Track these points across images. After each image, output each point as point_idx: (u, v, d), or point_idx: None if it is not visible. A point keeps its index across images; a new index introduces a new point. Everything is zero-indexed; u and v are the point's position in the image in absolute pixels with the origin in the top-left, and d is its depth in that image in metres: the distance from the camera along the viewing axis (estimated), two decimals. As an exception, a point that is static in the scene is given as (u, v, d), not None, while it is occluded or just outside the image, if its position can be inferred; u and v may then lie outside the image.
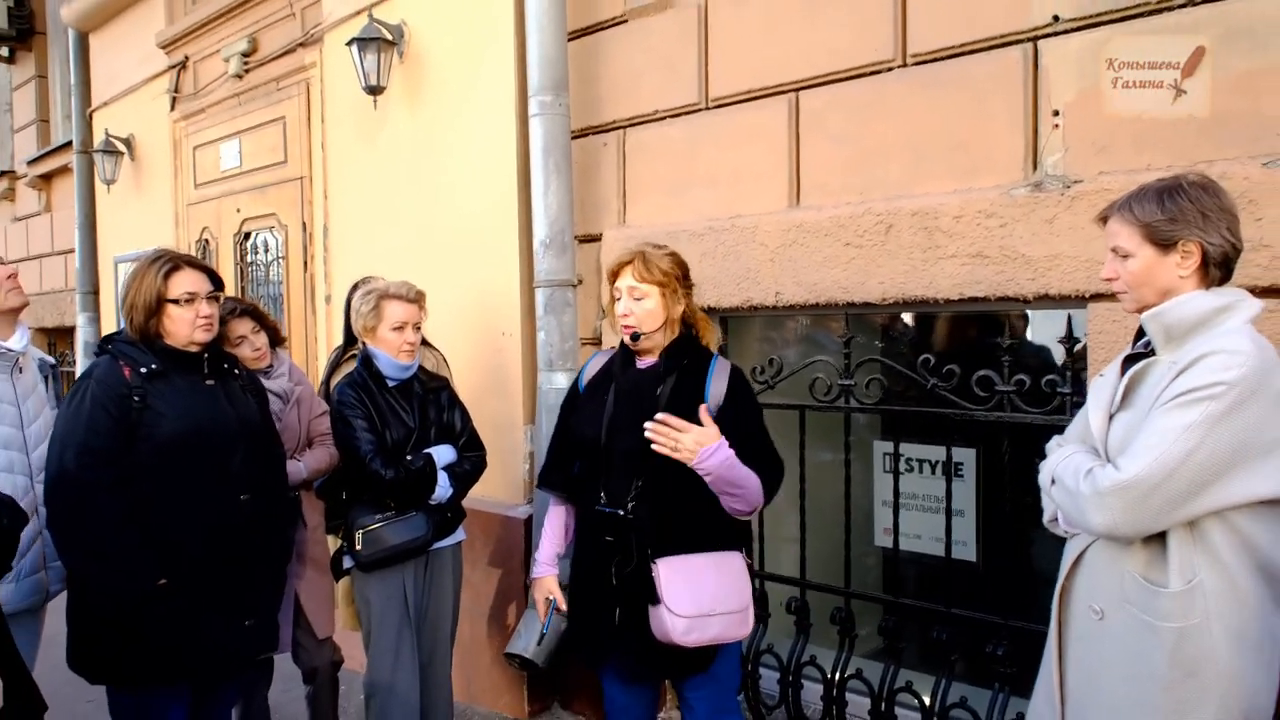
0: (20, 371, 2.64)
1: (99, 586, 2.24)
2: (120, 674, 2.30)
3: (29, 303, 2.82)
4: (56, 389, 2.95)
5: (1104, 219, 1.79)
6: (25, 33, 8.17)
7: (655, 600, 2.16)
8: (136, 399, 2.25)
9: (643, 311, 2.28)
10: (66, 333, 7.71)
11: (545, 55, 3.35)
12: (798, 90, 2.93)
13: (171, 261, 2.37)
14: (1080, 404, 2.34)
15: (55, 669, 2.41)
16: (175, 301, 2.33)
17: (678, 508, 2.21)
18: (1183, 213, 1.65)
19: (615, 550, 2.23)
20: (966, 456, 2.91)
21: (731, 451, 2.13)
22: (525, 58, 3.43)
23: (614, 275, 2.34)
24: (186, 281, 2.36)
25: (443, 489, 2.74)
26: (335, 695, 3.23)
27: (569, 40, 3.42)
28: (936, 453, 2.92)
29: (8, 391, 2.59)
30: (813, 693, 3.04)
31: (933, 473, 3.00)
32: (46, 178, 8.00)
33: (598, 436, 2.29)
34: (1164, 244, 1.67)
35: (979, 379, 2.58)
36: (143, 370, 2.29)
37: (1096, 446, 1.73)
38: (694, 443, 2.10)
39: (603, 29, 3.47)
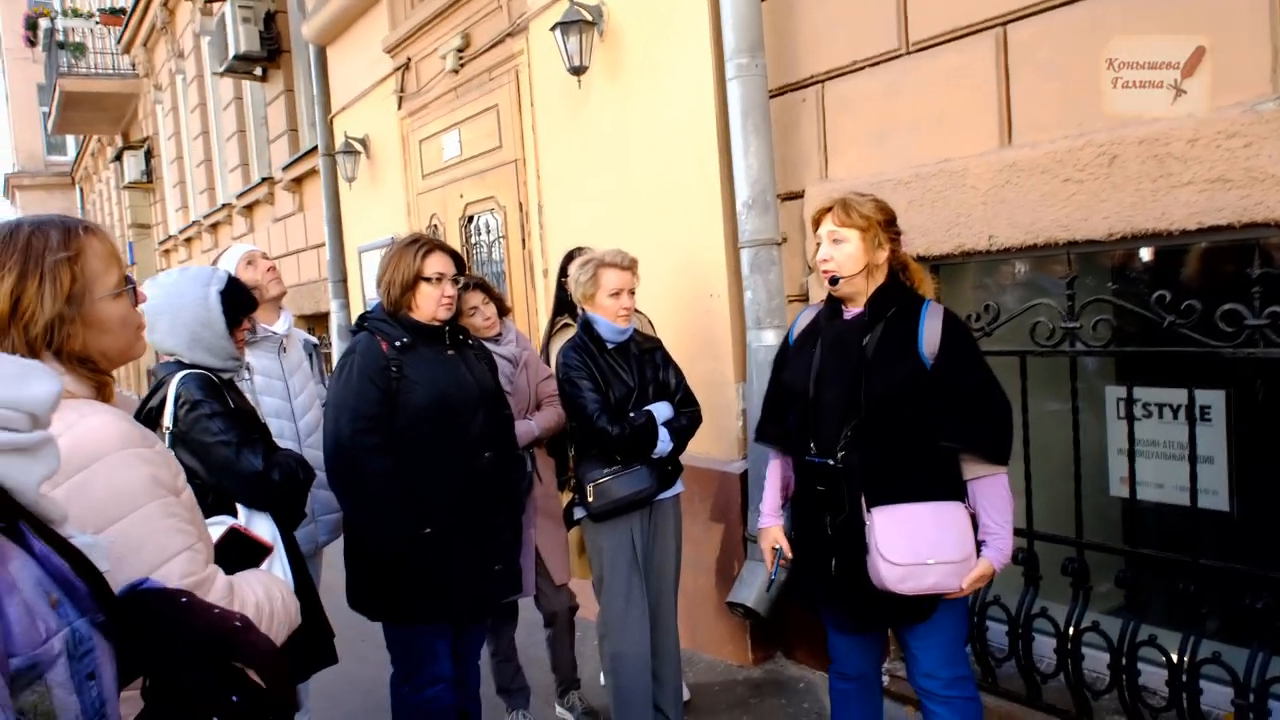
0: (285, 351, 3.04)
1: (373, 533, 2.56)
2: (393, 612, 2.63)
3: (287, 291, 3.23)
4: (319, 365, 3.36)
5: None
6: (274, 53, 9.05)
7: (866, 549, 2.19)
8: (394, 369, 2.54)
9: (842, 255, 2.28)
10: (321, 318, 8.57)
11: (740, 17, 3.39)
12: (1004, 24, 2.80)
13: (428, 244, 2.67)
14: (1347, 335, 2.13)
15: (333, 611, 2.75)
16: (428, 279, 2.62)
17: (889, 457, 2.20)
18: None
19: (827, 500, 2.27)
20: (1214, 399, 2.69)
21: (1000, 543, 2.22)
22: (720, 22, 3.48)
23: (815, 224, 2.36)
24: (438, 263, 2.64)
25: (664, 443, 2.89)
26: (572, 638, 3.50)
27: (762, 0, 3.43)
28: (1177, 396, 2.72)
29: (275, 368, 3.00)
30: (1045, 646, 2.95)
31: (1174, 417, 2.80)
32: (298, 181, 8.85)
33: (806, 388, 2.32)
34: None
35: (1225, 313, 2.38)
36: (396, 344, 2.59)
37: None
38: (982, 574, 2.21)
39: (796, -16, 3.45)
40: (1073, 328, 2.76)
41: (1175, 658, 2.60)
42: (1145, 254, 3.02)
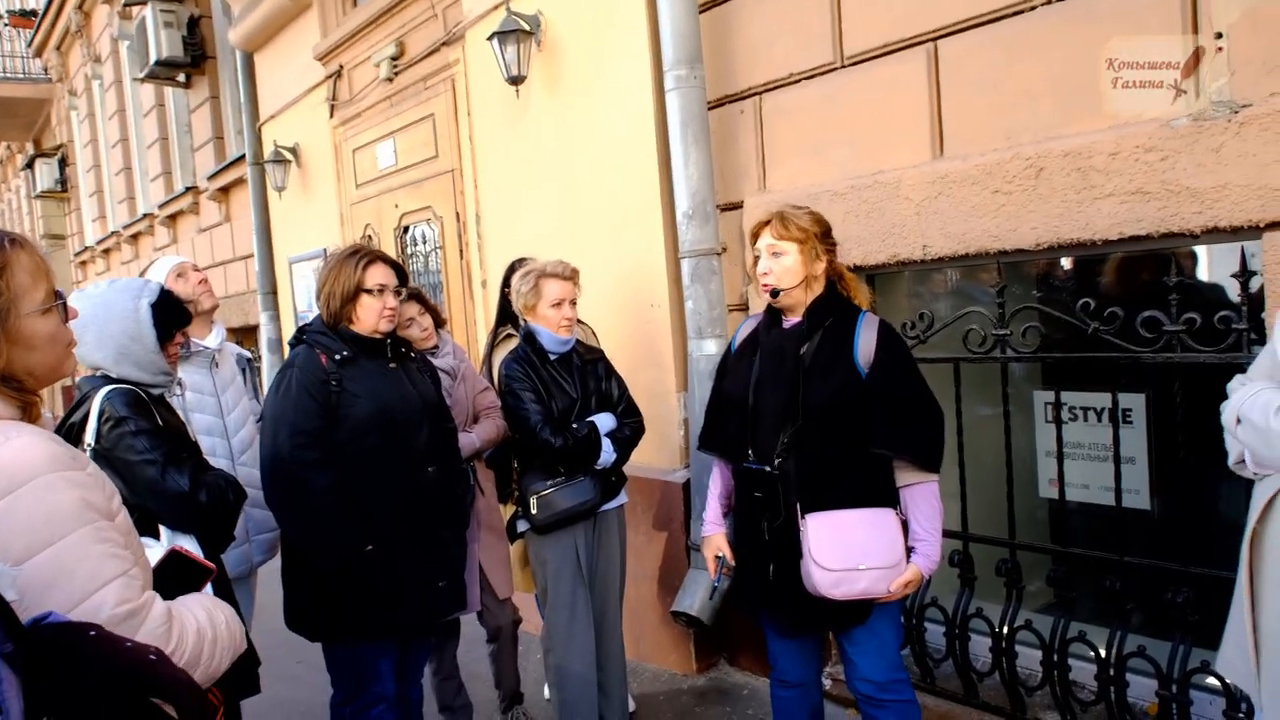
0: (217, 366, 2.96)
1: (316, 551, 2.50)
2: (336, 630, 2.57)
3: (219, 304, 3.15)
4: (253, 381, 3.28)
5: None
6: (198, 59, 8.80)
7: (801, 554, 2.23)
8: (334, 383, 2.50)
9: (781, 268, 2.33)
10: (250, 331, 8.35)
11: (678, 29, 3.42)
12: (935, 39, 2.88)
13: (369, 255, 2.62)
14: (1257, 340, 2.25)
15: (267, 633, 2.70)
16: (370, 291, 2.57)
17: (825, 464, 2.26)
18: None
19: (765, 506, 2.31)
20: (1135, 402, 2.81)
21: (928, 549, 2.28)
22: (659, 34, 3.51)
23: (754, 237, 2.41)
24: (380, 274, 2.60)
25: (607, 454, 2.89)
26: (515, 653, 3.47)
27: (700, 12, 3.47)
28: (1101, 400, 2.83)
29: (207, 384, 2.92)
30: (981, 645, 3.03)
31: (1099, 420, 2.91)
32: (225, 190, 8.62)
33: (745, 396, 2.37)
34: None
35: (1145, 320, 2.49)
36: (336, 357, 2.54)
37: None
38: (911, 580, 2.26)
39: (733, -3, 3.50)
40: (1003, 335, 2.85)
41: (1103, 653, 2.70)
42: (1068, 263, 3.13)
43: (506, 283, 3.58)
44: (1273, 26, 2.20)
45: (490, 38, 4.21)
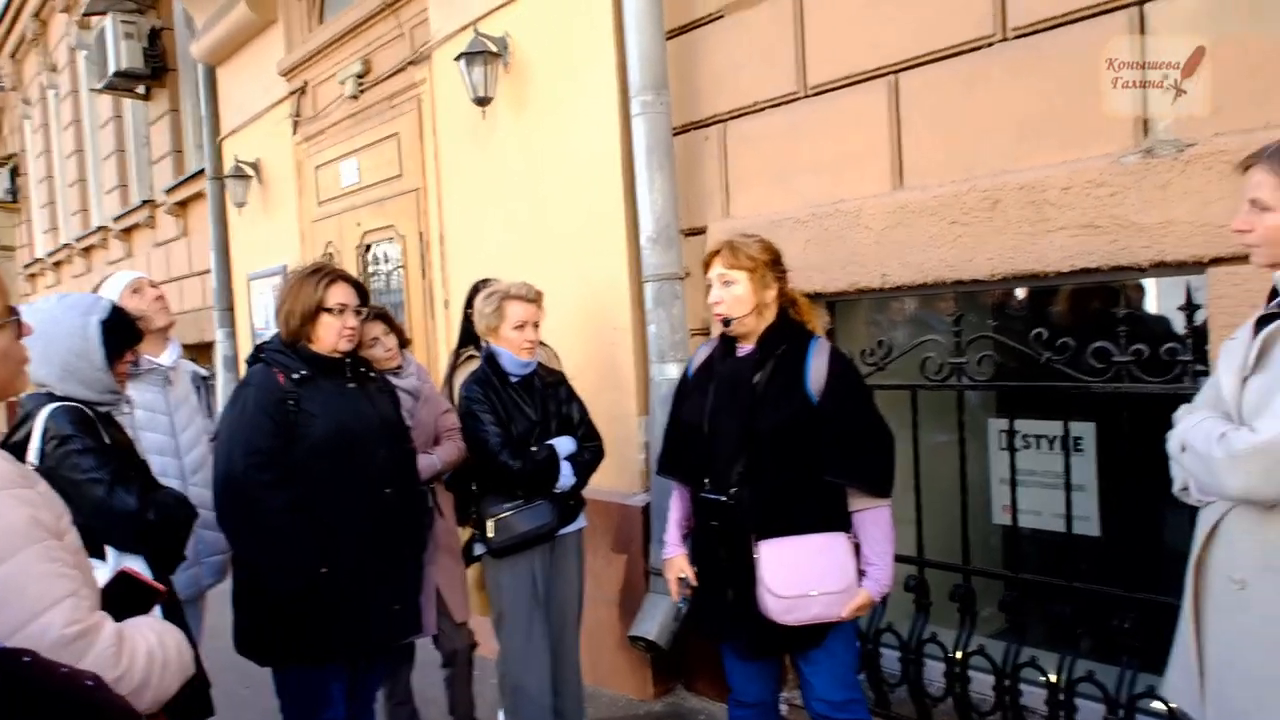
0: (171, 384, 2.91)
1: (268, 573, 2.45)
2: (286, 655, 2.52)
3: (175, 322, 3.09)
4: (207, 400, 3.22)
5: (1246, 167, 1.70)
6: (159, 70, 8.68)
7: (755, 582, 2.25)
8: (291, 402, 2.46)
9: (731, 297, 2.35)
10: (206, 348, 8.21)
11: (645, 55, 3.46)
12: (896, 72, 2.95)
13: (331, 274, 2.60)
14: (1202, 371, 2.31)
15: (216, 657, 2.62)
16: (330, 310, 2.55)
17: (779, 492, 2.28)
18: None
19: (721, 534, 2.33)
20: (1085, 430, 2.87)
21: (878, 574, 2.30)
22: (625, 59, 3.55)
23: (706, 266, 2.43)
24: (341, 293, 2.57)
25: (566, 478, 2.88)
26: (471, 678, 3.42)
27: (667, 39, 3.52)
28: (1053, 428, 2.89)
29: (160, 403, 2.86)
30: (935, 670, 3.05)
31: (1050, 448, 2.96)
32: (183, 204, 8.50)
33: (700, 425, 2.38)
34: None
35: (1095, 351, 2.55)
36: (294, 376, 2.50)
37: (1229, 411, 1.67)
38: (862, 604, 2.29)
39: (700, 25, 3.55)
40: (959, 363, 2.90)
41: (1054, 678, 2.73)
42: (1022, 293, 3.20)
43: (470, 304, 3.56)
44: (1218, 69, 2.28)
45: (457, 58, 4.22)
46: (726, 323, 2.36)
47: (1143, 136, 2.43)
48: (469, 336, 3.47)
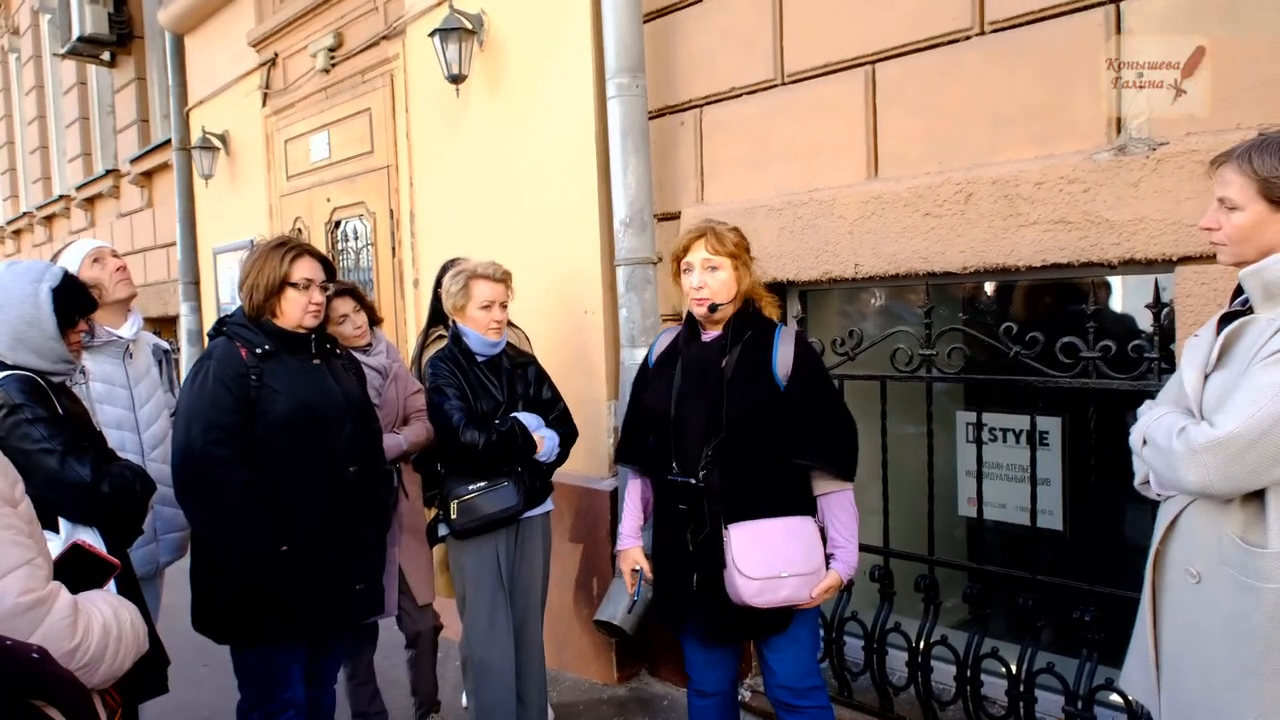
0: (131, 357, 2.84)
1: (226, 551, 2.40)
2: (245, 633, 2.48)
3: (136, 293, 3.02)
4: (170, 373, 3.15)
5: (1216, 164, 1.71)
6: (125, 37, 8.49)
7: (725, 564, 2.25)
8: (254, 377, 2.41)
9: (718, 283, 2.34)
10: (170, 322, 8.08)
11: (622, 38, 3.42)
12: (874, 62, 2.94)
13: (296, 247, 2.54)
14: (1167, 369, 2.33)
15: (174, 634, 2.58)
16: (295, 285, 2.50)
17: (747, 474, 2.29)
18: None
19: (689, 518, 2.32)
20: (1051, 425, 2.90)
21: (846, 555, 2.32)
22: (602, 41, 3.51)
23: (683, 250, 2.40)
24: (306, 268, 2.52)
25: (551, 443, 2.86)
26: (434, 659, 3.40)
27: (645, 22, 3.48)
28: (1020, 422, 2.91)
29: (119, 375, 2.79)
30: (897, 660, 3.08)
31: (1017, 442, 2.99)
32: (148, 175, 8.33)
33: (667, 410, 2.37)
34: (1279, 201, 1.61)
35: (1063, 346, 2.57)
36: (258, 351, 2.46)
37: (1191, 407, 1.69)
38: (831, 585, 2.30)
39: (677, 9, 3.51)
40: (929, 355, 2.91)
41: (1014, 669, 2.77)
42: (992, 287, 3.22)
43: (439, 283, 3.53)
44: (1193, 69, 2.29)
45: (431, 34, 4.15)
46: (713, 309, 2.35)
47: (1116, 134, 2.44)
48: (438, 316, 3.43)
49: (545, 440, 2.86)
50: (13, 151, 12.81)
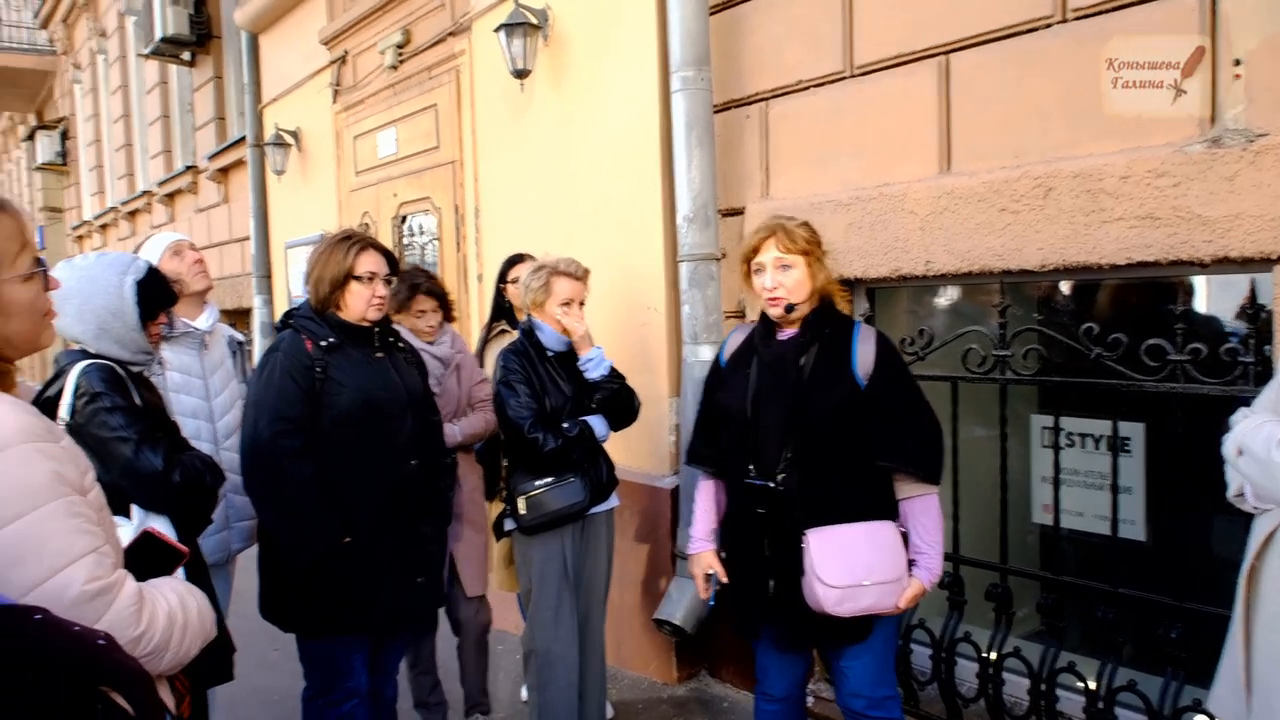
0: (206, 348, 2.90)
1: (291, 541, 2.44)
2: (309, 623, 2.52)
3: (213, 286, 3.09)
4: (244, 364, 3.21)
5: None
6: (204, 37, 8.74)
7: (804, 571, 2.18)
8: (319, 370, 2.44)
9: (792, 282, 2.28)
10: (243, 314, 8.29)
11: (687, 30, 3.37)
12: (947, 53, 2.84)
13: (361, 241, 2.57)
14: (1264, 373, 2.20)
15: (245, 620, 2.64)
16: (359, 278, 2.52)
17: (827, 479, 2.21)
18: None
19: (766, 522, 2.25)
20: (1134, 431, 2.76)
21: (930, 562, 2.24)
22: (667, 34, 3.46)
23: (754, 251, 2.34)
24: (370, 261, 2.54)
25: (601, 431, 2.86)
26: (484, 652, 3.39)
27: (710, 14, 3.43)
28: (1099, 427, 2.79)
29: (195, 366, 2.86)
30: (967, 670, 2.98)
31: (1096, 448, 2.86)
32: (224, 171, 8.57)
33: (744, 410, 2.31)
34: None
35: (1149, 348, 2.44)
36: (322, 343, 2.48)
37: None
38: (916, 593, 2.23)
39: (744, 1, 3.45)
40: (1004, 355, 2.80)
41: (1093, 685, 2.65)
42: (1068, 286, 3.09)
43: (503, 278, 3.54)
44: (1294, 55, 2.16)
45: (497, 30, 4.16)
46: (790, 309, 2.28)
47: (1209, 125, 2.31)
48: (500, 311, 3.44)
49: (597, 428, 2.86)
50: (100, 149, 13.33)
